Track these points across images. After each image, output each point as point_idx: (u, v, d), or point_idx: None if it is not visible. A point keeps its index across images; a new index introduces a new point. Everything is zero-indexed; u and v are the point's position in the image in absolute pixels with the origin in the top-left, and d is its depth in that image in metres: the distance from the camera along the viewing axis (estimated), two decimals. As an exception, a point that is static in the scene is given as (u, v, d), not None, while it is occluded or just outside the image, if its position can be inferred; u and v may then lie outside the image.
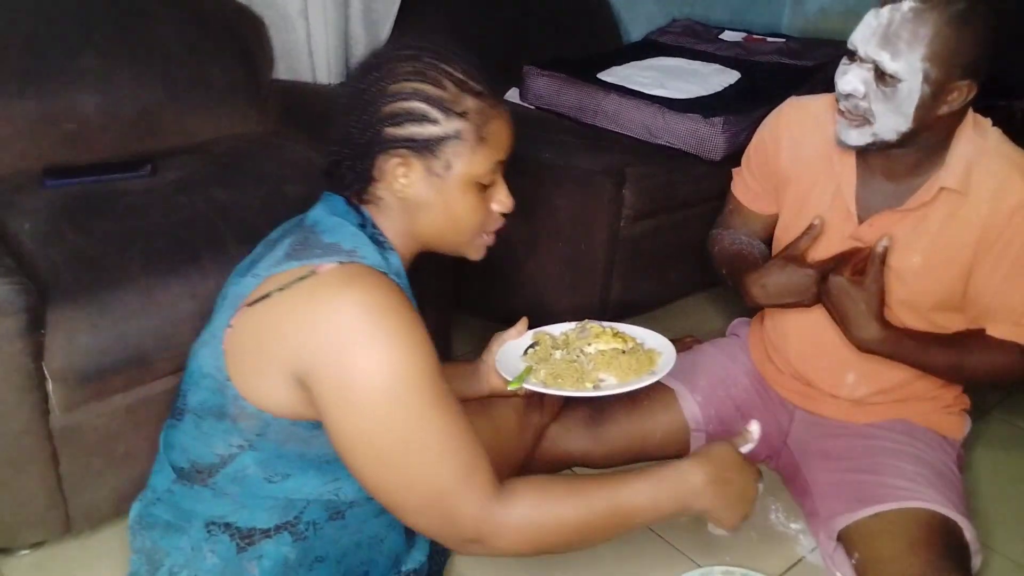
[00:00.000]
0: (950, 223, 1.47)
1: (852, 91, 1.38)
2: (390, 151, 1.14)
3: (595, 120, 2.28)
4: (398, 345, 1.04)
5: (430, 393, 1.06)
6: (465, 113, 1.14)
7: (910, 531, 1.44)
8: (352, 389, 1.04)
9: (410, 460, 1.06)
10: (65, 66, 1.85)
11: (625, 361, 1.45)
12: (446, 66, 1.15)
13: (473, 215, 1.22)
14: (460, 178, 1.17)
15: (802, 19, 3.51)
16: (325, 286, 1.06)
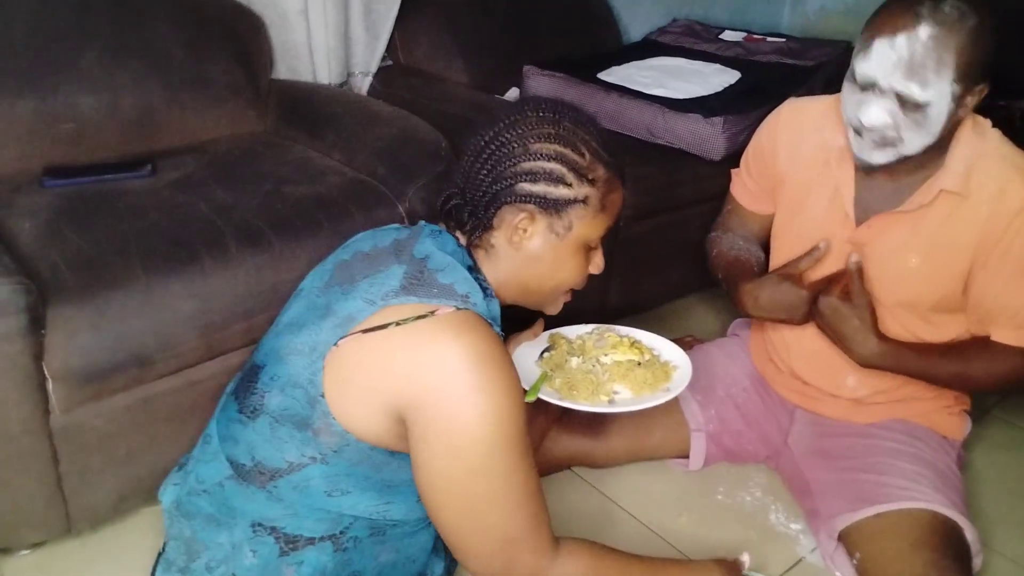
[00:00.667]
0: (949, 224, 1.46)
1: (880, 124, 1.37)
2: (519, 204, 1.18)
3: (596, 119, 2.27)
4: (502, 398, 1.09)
5: (520, 447, 1.12)
6: (595, 181, 1.20)
7: (911, 531, 1.44)
8: (453, 435, 1.08)
9: (492, 509, 1.12)
10: (65, 66, 1.85)
11: (640, 374, 1.46)
12: (584, 134, 1.20)
13: (575, 274, 1.28)
14: (576, 240, 1.22)
15: (802, 19, 3.51)
16: (443, 330, 1.10)
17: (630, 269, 2.23)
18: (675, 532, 1.69)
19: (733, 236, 1.79)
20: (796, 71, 2.55)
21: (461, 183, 1.23)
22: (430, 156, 1.87)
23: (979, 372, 1.54)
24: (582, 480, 1.82)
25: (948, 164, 1.45)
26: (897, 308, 1.55)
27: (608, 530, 1.69)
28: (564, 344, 1.54)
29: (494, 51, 2.59)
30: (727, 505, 1.76)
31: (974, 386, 1.63)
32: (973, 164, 1.44)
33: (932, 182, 1.46)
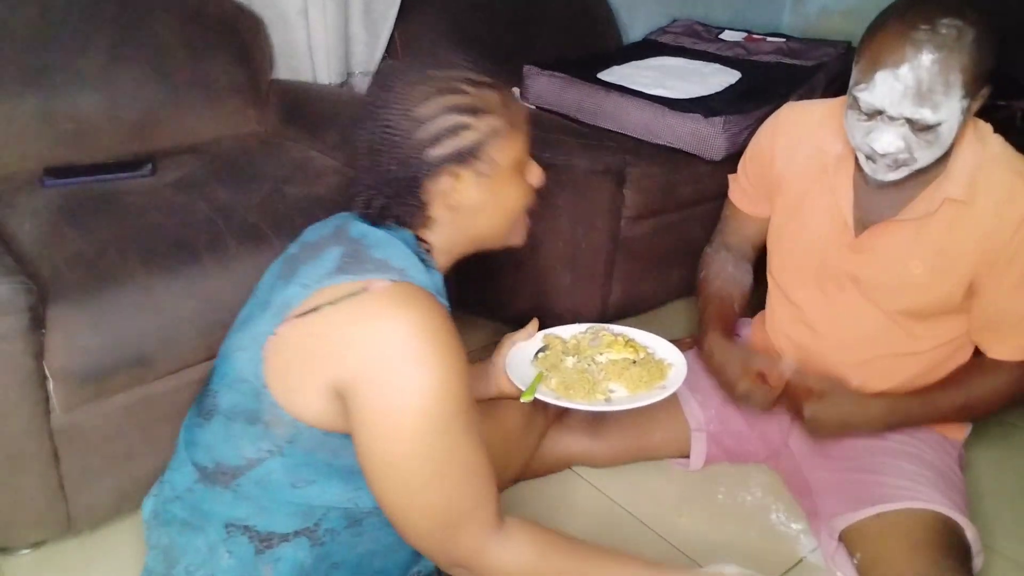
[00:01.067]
0: (953, 231, 1.45)
1: (894, 150, 1.36)
2: (438, 172, 1.15)
3: (595, 120, 2.28)
4: (441, 372, 1.06)
5: (464, 422, 1.09)
6: (491, 108, 1.16)
7: (912, 531, 1.44)
8: (390, 412, 1.05)
9: (432, 486, 1.08)
10: (65, 66, 1.85)
11: (636, 372, 1.46)
12: (456, 72, 1.16)
13: (520, 197, 1.24)
14: (506, 170, 1.19)
15: (802, 19, 3.51)
16: (378, 304, 1.07)
17: (630, 269, 2.23)
18: (675, 532, 1.69)
19: (726, 257, 1.79)
20: (796, 71, 2.55)
21: (372, 183, 1.18)
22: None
23: (982, 395, 1.54)
24: (582, 480, 1.82)
25: (951, 171, 1.44)
26: (899, 315, 1.55)
27: (608, 530, 1.69)
28: (559, 344, 1.53)
29: (494, 51, 2.59)
30: (727, 505, 1.76)
31: (981, 413, 1.61)
32: (977, 171, 1.43)
33: (935, 189, 1.45)
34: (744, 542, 1.67)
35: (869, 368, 1.61)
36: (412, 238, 1.20)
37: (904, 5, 1.33)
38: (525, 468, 1.70)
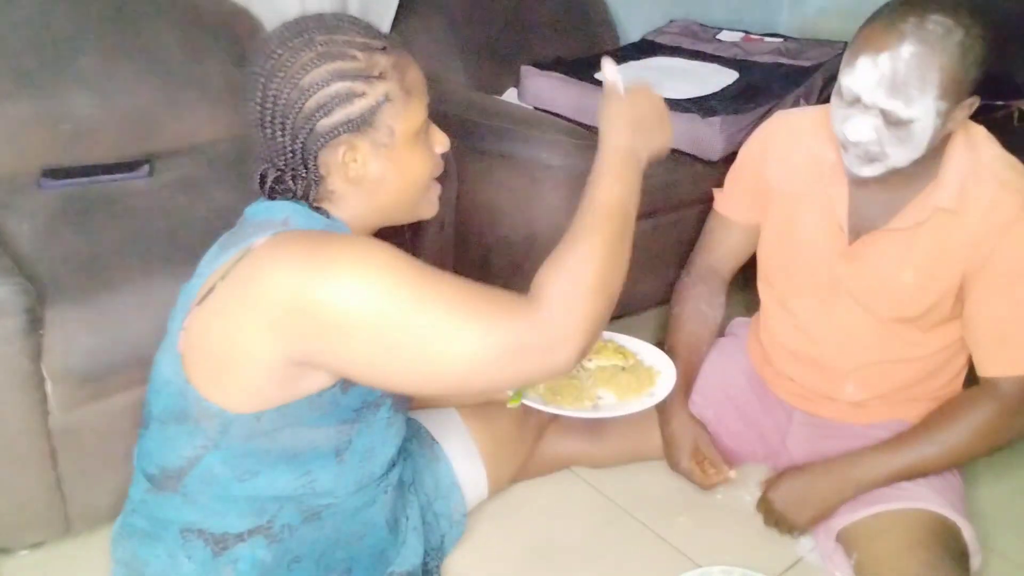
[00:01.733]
0: (943, 241, 1.45)
1: (864, 140, 1.35)
2: (331, 143, 1.09)
3: (593, 120, 2.25)
4: (358, 249, 1.01)
5: (412, 267, 1.02)
6: (383, 74, 1.10)
7: (909, 531, 1.45)
8: (344, 313, 0.98)
9: (433, 327, 0.99)
10: (63, 66, 1.85)
11: (624, 379, 1.46)
12: (344, 36, 1.09)
13: (425, 165, 1.18)
14: (404, 137, 1.13)
15: (800, 19, 3.51)
16: (262, 255, 1.03)
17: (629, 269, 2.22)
18: (674, 532, 1.69)
19: (700, 293, 1.78)
20: (794, 71, 2.55)
21: (266, 156, 1.13)
22: (428, 156, 1.87)
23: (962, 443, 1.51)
24: (581, 480, 1.81)
25: (942, 179, 1.43)
26: (893, 322, 1.55)
27: (608, 530, 1.69)
28: None
29: (492, 51, 2.59)
30: (727, 505, 1.76)
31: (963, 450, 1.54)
32: (967, 179, 1.42)
33: (925, 198, 1.44)
34: (743, 542, 1.67)
35: (864, 374, 1.61)
36: (306, 207, 1.14)
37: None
38: (523, 469, 1.70)
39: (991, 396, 1.49)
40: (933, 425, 1.53)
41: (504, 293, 1.04)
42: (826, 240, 1.56)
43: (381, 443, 1.23)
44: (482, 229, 2.17)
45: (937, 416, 1.55)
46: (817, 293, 1.60)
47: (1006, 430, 1.51)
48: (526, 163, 2.06)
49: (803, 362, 1.68)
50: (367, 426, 1.18)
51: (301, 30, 1.09)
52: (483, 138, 2.10)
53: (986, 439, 1.51)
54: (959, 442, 1.51)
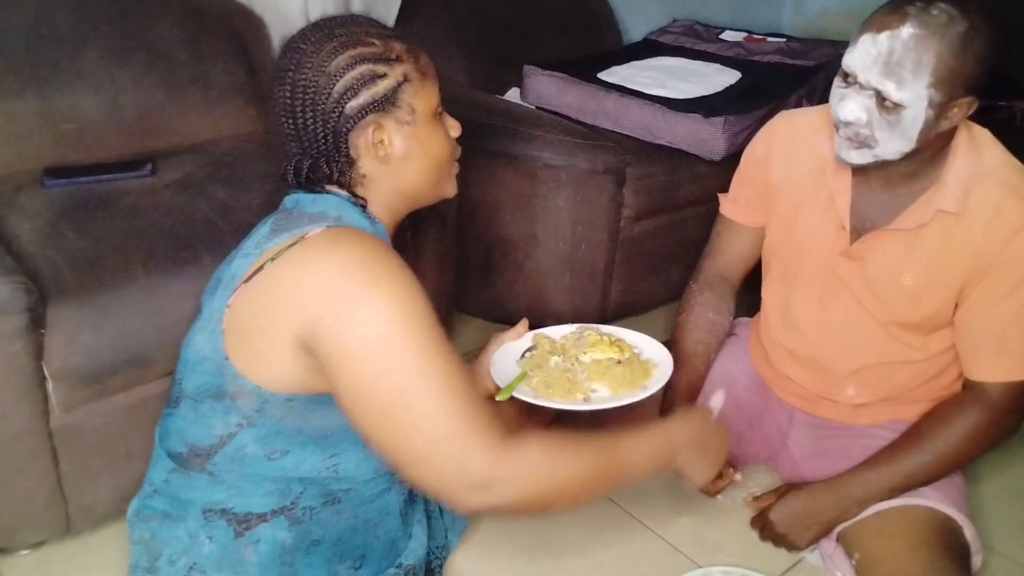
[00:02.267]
0: (945, 245, 1.44)
1: (854, 119, 1.35)
2: (360, 124, 1.16)
3: (595, 120, 2.28)
4: (392, 291, 1.06)
5: (428, 335, 1.07)
6: (400, 57, 1.18)
7: (910, 530, 1.44)
8: (351, 339, 1.05)
9: (415, 402, 1.05)
10: (65, 66, 1.85)
11: (619, 372, 1.44)
12: (360, 27, 1.18)
13: (444, 145, 1.26)
14: (425, 116, 1.21)
15: (803, 19, 3.51)
16: (315, 247, 1.10)
17: (630, 269, 2.23)
18: (675, 532, 1.69)
19: (707, 300, 1.76)
20: (797, 71, 2.55)
21: (298, 146, 1.19)
22: (430, 156, 1.87)
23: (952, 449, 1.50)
24: (582, 480, 1.81)
25: (945, 181, 1.42)
26: (892, 326, 1.54)
27: (608, 530, 1.69)
28: (547, 344, 1.52)
29: (494, 51, 2.59)
30: (727, 505, 1.76)
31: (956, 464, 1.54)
32: (971, 184, 1.41)
33: (928, 199, 1.44)
34: (743, 542, 1.67)
35: (864, 376, 1.61)
36: (348, 197, 1.21)
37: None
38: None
39: (981, 402, 1.48)
40: (925, 434, 1.52)
41: (486, 408, 1.09)
42: (828, 239, 1.56)
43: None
44: (484, 228, 2.17)
45: (927, 424, 1.54)
46: (818, 293, 1.60)
47: (996, 433, 1.50)
48: (528, 162, 2.07)
49: (803, 363, 1.67)
50: None
51: (320, 26, 1.18)
52: (485, 137, 2.10)
53: (978, 444, 1.51)
54: (951, 449, 1.50)
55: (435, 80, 1.23)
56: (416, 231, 1.78)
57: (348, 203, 1.19)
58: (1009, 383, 1.46)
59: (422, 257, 1.82)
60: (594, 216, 2.11)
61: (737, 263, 1.78)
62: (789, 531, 1.59)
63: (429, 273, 1.85)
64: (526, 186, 2.09)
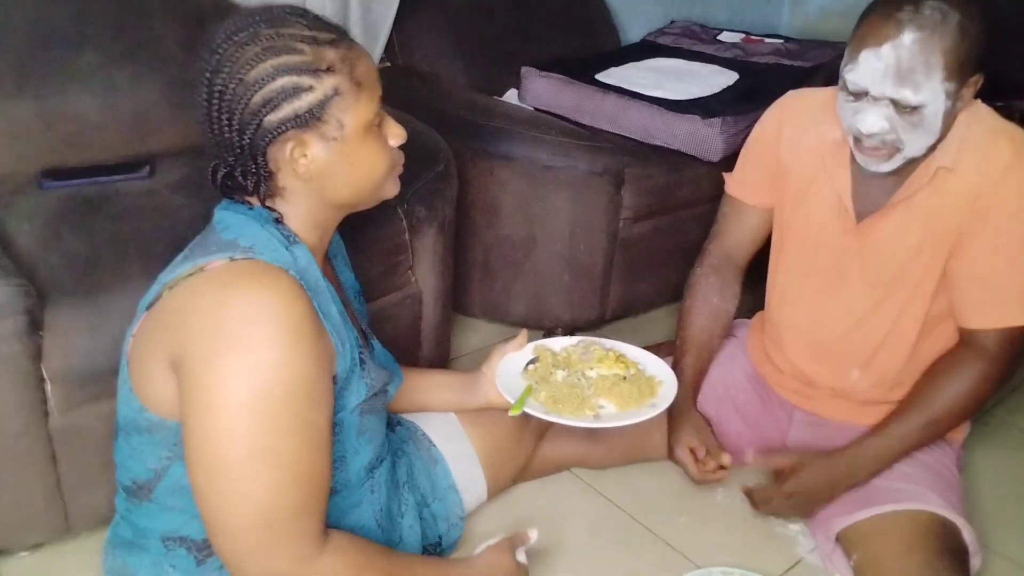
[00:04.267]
0: (941, 197, 1.45)
1: (878, 130, 1.36)
2: (279, 138, 1.07)
3: (593, 121, 2.28)
4: (266, 352, 0.99)
5: (293, 416, 1.01)
6: (331, 67, 1.07)
7: (908, 532, 1.45)
8: (212, 389, 0.99)
9: (251, 481, 1.00)
10: (63, 67, 1.85)
11: (626, 389, 1.44)
12: (288, 29, 1.07)
13: (380, 159, 1.16)
14: (355, 131, 1.10)
15: (801, 20, 3.51)
16: (209, 282, 1.03)
17: (629, 271, 2.23)
18: (674, 532, 1.69)
19: (712, 285, 1.76)
20: (795, 72, 2.55)
21: (216, 152, 1.10)
22: (429, 157, 1.87)
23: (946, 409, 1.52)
24: (582, 480, 1.82)
25: (942, 145, 1.44)
26: (904, 305, 1.54)
27: (608, 530, 1.69)
28: (549, 356, 1.51)
29: (492, 52, 2.59)
30: (726, 505, 1.76)
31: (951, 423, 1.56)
32: (964, 138, 1.43)
33: (928, 163, 1.45)
34: (742, 543, 1.67)
35: (870, 360, 1.61)
36: (271, 216, 1.13)
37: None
38: (523, 471, 1.70)
39: (977, 353, 1.50)
40: (926, 392, 1.54)
41: (321, 506, 1.07)
42: (834, 220, 1.57)
43: (352, 452, 1.22)
44: (482, 229, 2.17)
45: (927, 382, 1.55)
46: (826, 275, 1.61)
47: (995, 383, 1.52)
48: (526, 164, 2.07)
49: (810, 349, 1.67)
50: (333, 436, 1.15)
51: (247, 24, 1.07)
52: (484, 139, 2.10)
53: (977, 397, 1.52)
54: (954, 404, 1.52)
55: (374, 89, 1.12)
56: (414, 232, 1.78)
57: (272, 233, 1.10)
58: (1005, 329, 1.47)
59: (420, 258, 1.82)
60: (592, 217, 2.11)
61: (744, 244, 1.77)
62: (806, 502, 1.59)
63: (427, 274, 1.85)
64: (524, 187, 2.09)
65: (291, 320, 1.01)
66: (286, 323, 1.00)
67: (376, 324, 1.72)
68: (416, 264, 1.82)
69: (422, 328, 1.90)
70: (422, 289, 1.85)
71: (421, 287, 1.85)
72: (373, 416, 1.25)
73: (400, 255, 1.78)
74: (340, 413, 1.16)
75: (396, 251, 1.77)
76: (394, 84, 2.53)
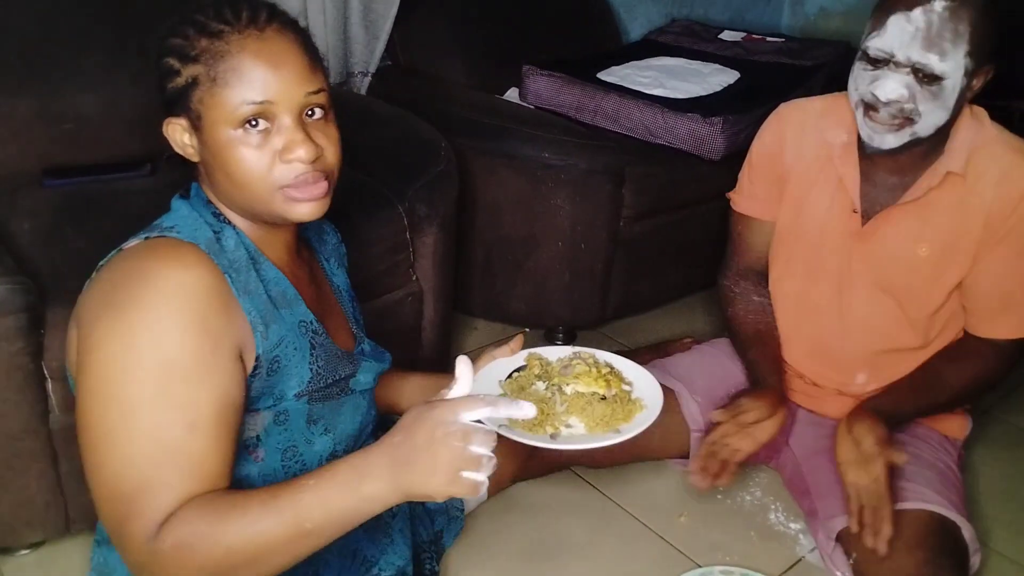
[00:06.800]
0: (956, 212, 1.47)
1: (897, 97, 1.37)
2: (165, 116, 1.07)
3: (594, 120, 2.28)
4: (148, 324, 0.96)
5: (160, 388, 0.96)
6: (199, 55, 1.01)
7: (907, 531, 1.45)
8: (89, 353, 0.98)
9: (106, 445, 0.97)
10: (65, 65, 1.85)
11: (599, 410, 1.30)
12: (199, 14, 1.03)
13: (245, 166, 1.04)
14: (215, 126, 1.03)
15: (802, 19, 3.51)
16: (120, 258, 1.04)
17: (629, 269, 2.23)
18: (675, 532, 1.69)
19: (747, 287, 1.75)
20: (795, 71, 2.55)
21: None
22: (430, 156, 1.87)
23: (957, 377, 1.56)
24: (582, 480, 1.82)
25: (951, 148, 1.46)
26: (908, 307, 1.55)
27: (608, 530, 1.69)
28: (537, 367, 1.40)
29: (493, 51, 2.59)
30: (727, 505, 1.76)
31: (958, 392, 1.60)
32: (974, 147, 1.45)
33: (936, 167, 1.47)
34: (743, 542, 1.67)
35: (875, 361, 1.62)
36: (205, 196, 1.13)
37: None
38: (523, 468, 1.70)
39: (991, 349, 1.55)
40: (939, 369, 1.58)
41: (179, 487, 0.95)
42: (839, 223, 1.57)
43: (304, 442, 1.18)
44: (483, 228, 2.17)
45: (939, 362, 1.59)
46: (833, 279, 1.61)
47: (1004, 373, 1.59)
48: (528, 162, 2.07)
49: (814, 352, 1.68)
50: (276, 424, 1.13)
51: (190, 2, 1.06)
52: (485, 137, 2.10)
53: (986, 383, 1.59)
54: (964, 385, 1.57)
55: (242, 89, 1.01)
56: (415, 230, 1.78)
57: (198, 214, 1.10)
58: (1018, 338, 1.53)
59: (421, 256, 1.82)
60: (593, 216, 2.11)
61: (764, 259, 1.77)
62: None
63: (428, 272, 1.85)
64: (525, 186, 2.09)
65: (178, 289, 0.98)
66: (170, 292, 0.97)
67: (377, 322, 1.72)
68: (417, 262, 1.83)
69: (423, 326, 1.90)
70: (423, 287, 1.86)
71: (422, 285, 1.85)
72: (327, 404, 1.20)
73: (401, 253, 1.78)
74: (283, 402, 1.13)
75: (397, 249, 1.77)
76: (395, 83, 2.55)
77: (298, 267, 1.22)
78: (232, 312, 1.04)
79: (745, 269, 1.77)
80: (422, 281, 1.85)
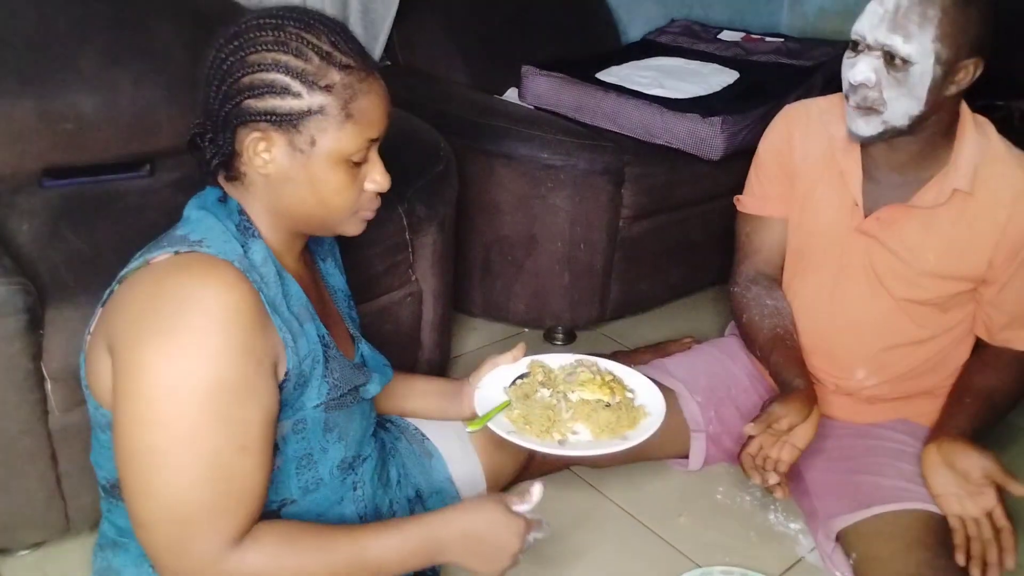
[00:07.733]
0: (963, 224, 1.48)
1: (864, 80, 1.38)
2: (250, 124, 1.06)
3: (594, 120, 2.28)
4: (198, 346, 0.97)
5: (214, 410, 0.98)
6: (330, 87, 1.06)
7: (907, 531, 1.45)
8: (135, 377, 0.98)
9: (164, 469, 0.98)
10: (64, 66, 1.85)
11: (604, 417, 1.35)
12: (311, 36, 1.06)
13: (342, 194, 1.11)
14: (326, 155, 1.08)
15: (801, 19, 3.51)
16: (150, 274, 1.03)
17: (629, 269, 2.23)
18: (674, 532, 1.69)
19: (759, 292, 1.72)
20: (795, 71, 2.55)
21: (201, 115, 1.11)
22: (430, 156, 1.87)
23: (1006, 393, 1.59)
24: (582, 480, 1.82)
25: (957, 163, 1.47)
26: (908, 303, 1.56)
27: (608, 530, 1.69)
28: (540, 374, 1.44)
29: (493, 51, 2.59)
30: (726, 505, 1.76)
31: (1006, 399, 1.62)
32: (981, 164, 1.46)
33: (942, 180, 1.47)
34: (743, 542, 1.67)
35: (876, 357, 1.62)
36: (235, 207, 1.13)
37: None
38: (523, 470, 1.70)
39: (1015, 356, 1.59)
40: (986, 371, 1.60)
41: (244, 511, 1.01)
42: (842, 217, 1.58)
43: (320, 450, 1.20)
44: (482, 228, 2.17)
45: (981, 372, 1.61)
46: (831, 274, 1.62)
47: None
48: (527, 163, 2.07)
49: (815, 348, 1.68)
50: (295, 432, 1.15)
51: (280, 15, 1.08)
52: (484, 138, 2.10)
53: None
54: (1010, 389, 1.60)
55: (368, 129, 1.09)
56: (415, 230, 1.78)
57: (225, 227, 1.10)
58: None
59: (420, 256, 1.82)
60: (593, 216, 2.11)
61: (774, 259, 1.76)
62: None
63: (427, 273, 1.85)
64: (525, 186, 2.09)
65: (224, 311, 0.98)
66: (217, 314, 0.98)
67: (376, 322, 1.73)
68: (416, 263, 1.82)
69: (422, 327, 1.90)
70: (422, 288, 1.85)
71: (421, 286, 1.85)
72: (342, 412, 1.22)
73: (400, 253, 1.78)
74: (301, 412, 1.14)
75: (396, 249, 1.77)
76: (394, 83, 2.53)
77: (304, 272, 1.23)
78: (268, 330, 1.06)
79: (755, 274, 1.76)
80: (421, 281, 1.85)
